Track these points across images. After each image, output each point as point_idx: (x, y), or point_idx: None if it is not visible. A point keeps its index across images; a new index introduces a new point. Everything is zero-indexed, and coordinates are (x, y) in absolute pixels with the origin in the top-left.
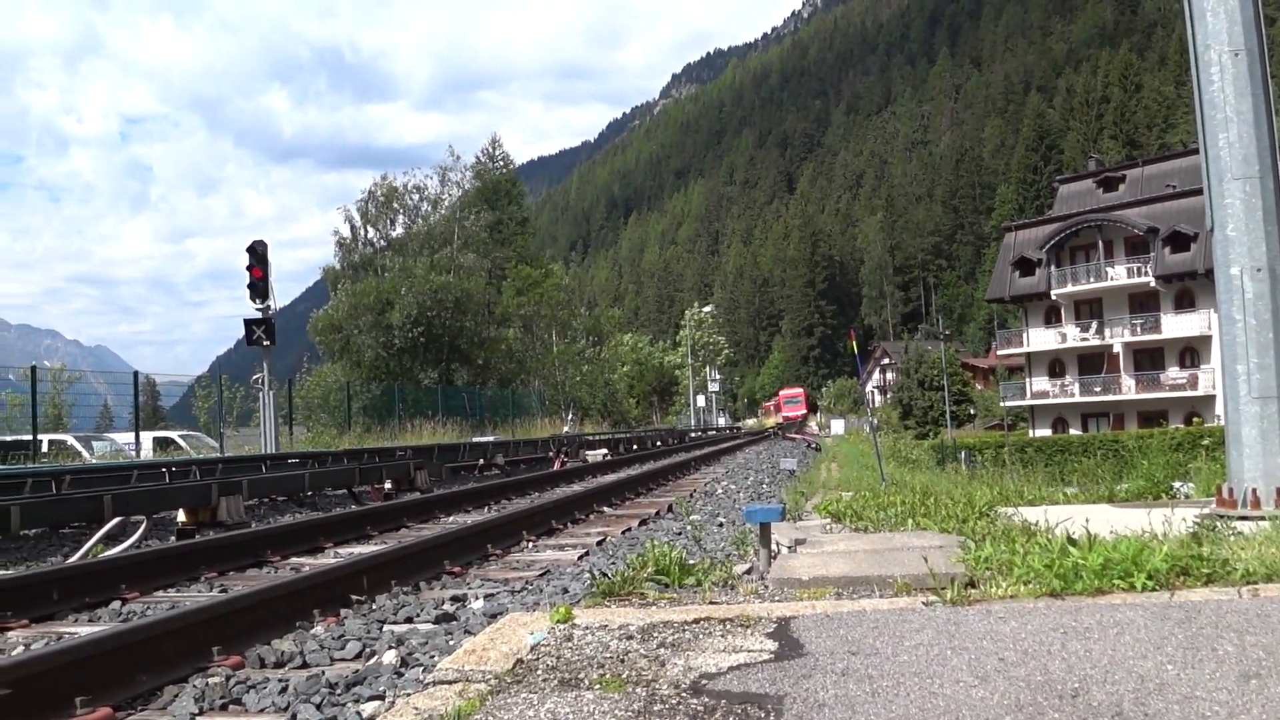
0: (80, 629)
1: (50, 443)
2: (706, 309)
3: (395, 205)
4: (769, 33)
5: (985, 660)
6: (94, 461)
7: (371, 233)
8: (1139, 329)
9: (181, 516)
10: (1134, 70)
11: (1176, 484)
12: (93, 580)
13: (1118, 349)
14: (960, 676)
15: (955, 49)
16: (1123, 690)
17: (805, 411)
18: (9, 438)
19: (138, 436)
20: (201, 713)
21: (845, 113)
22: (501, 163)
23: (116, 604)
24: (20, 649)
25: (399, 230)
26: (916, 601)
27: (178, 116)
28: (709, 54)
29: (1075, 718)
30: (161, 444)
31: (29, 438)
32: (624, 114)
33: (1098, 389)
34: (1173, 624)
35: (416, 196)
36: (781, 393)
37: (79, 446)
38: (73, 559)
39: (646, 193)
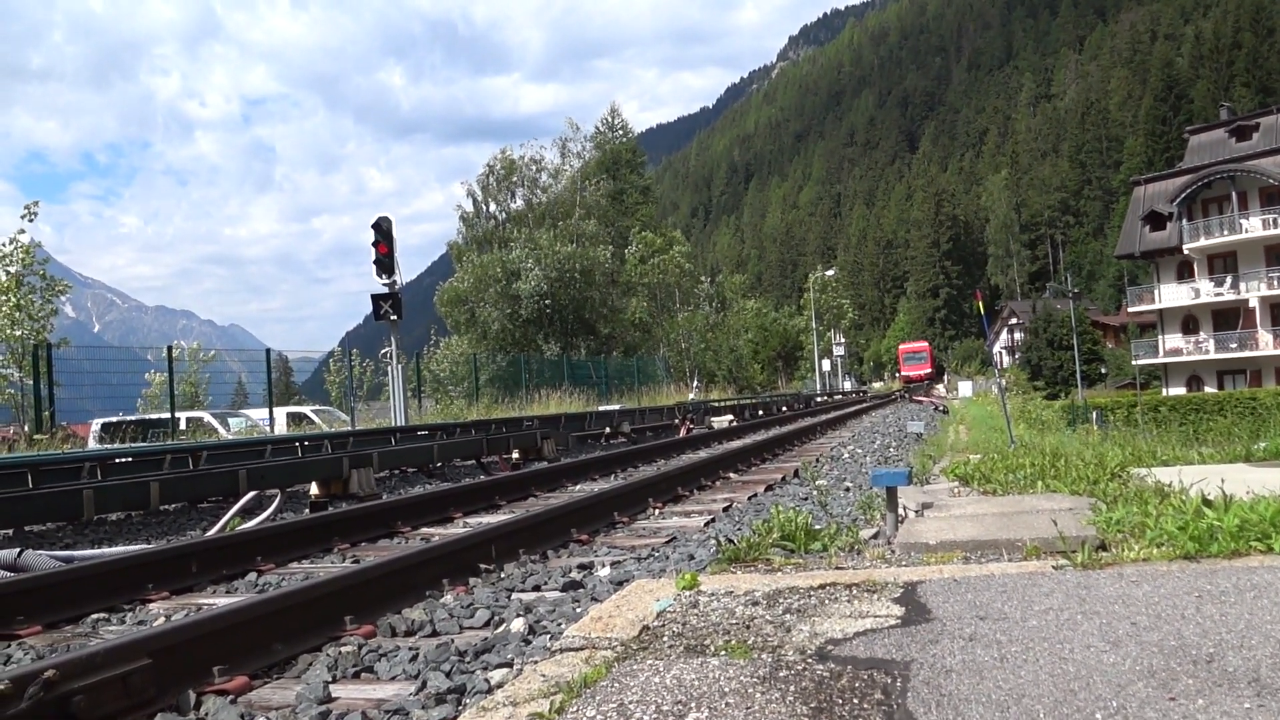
0: (218, 600)
1: (188, 420)
2: (830, 272)
3: (514, 179)
4: None
5: (1117, 625)
6: (229, 437)
7: (493, 206)
8: (1276, 283)
9: (314, 489)
10: (1266, 14)
11: None
12: (229, 553)
13: (1254, 304)
14: (1091, 641)
15: None
16: (1260, 655)
17: (930, 370)
18: (149, 416)
19: (271, 412)
20: (334, 681)
21: (966, 69)
22: (621, 132)
23: (252, 575)
24: (160, 620)
25: (519, 203)
26: (1046, 565)
27: (297, 96)
28: (825, 14)
29: (1210, 684)
30: (295, 419)
31: (168, 415)
32: (741, 79)
33: (1233, 345)
34: None
35: (534, 169)
36: (901, 348)
37: (215, 423)
38: (210, 532)
39: (767, 157)
